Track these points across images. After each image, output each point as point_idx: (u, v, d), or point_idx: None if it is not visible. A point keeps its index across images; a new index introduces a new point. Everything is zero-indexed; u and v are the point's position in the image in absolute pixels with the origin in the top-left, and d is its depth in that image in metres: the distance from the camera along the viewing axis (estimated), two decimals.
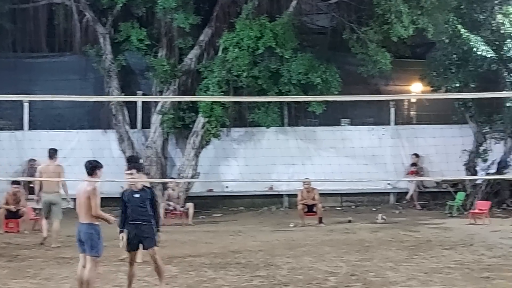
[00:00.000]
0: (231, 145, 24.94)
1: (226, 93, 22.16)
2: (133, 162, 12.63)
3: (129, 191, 11.19)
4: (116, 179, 15.91)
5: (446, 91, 22.22)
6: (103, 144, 23.83)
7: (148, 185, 11.88)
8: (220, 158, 24.71)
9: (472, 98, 22.48)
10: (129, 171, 11.38)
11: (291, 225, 20.28)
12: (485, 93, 18.29)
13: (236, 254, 15.15)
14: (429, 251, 15.32)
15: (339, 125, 25.80)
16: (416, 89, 25.22)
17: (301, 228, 19.83)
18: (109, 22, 23.60)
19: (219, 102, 22.30)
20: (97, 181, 10.59)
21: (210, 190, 24.83)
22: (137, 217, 10.95)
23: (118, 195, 11.91)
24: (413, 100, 26.46)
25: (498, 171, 23.08)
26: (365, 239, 17.28)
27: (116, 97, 23.66)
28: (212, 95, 21.82)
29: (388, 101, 25.29)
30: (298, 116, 25.43)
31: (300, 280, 12.28)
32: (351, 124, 25.87)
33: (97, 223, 10.42)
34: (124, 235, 11.04)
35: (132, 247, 11.06)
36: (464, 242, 16.66)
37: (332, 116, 25.16)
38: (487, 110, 23.07)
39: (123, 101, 23.81)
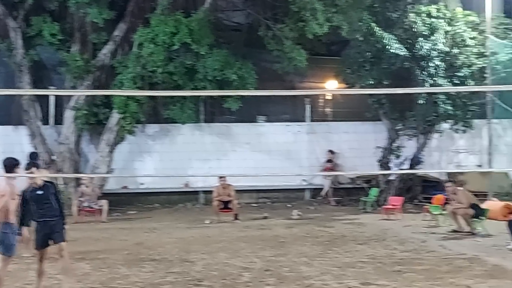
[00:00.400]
0: (146, 141, 24.77)
1: (141, 89, 21.97)
2: (31, 160, 12.37)
3: (31, 189, 10.90)
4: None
5: (361, 88, 22.50)
6: (14, 140, 23.33)
7: (48, 179, 11.56)
8: (135, 154, 24.52)
9: (385, 96, 22.83)
10: (28, 171, 11.10)
11: (206, 222, 20.18)
12: (398, 89, 18.63)
13: (150, 251, 15.00)
14: (343, 246, 15.46)
15: (255, 121, 25.86)
16: (331, 86, 25.47)
17: (217, 224, 19.76)
18: (20, 16, 23.02)
19: (134, 98, 22.10)
20: (14, 175, 10.29)
21: (125, 187, 24.56)
22: (44, 214, 10.71)
23: None
24: (328, 97, 26.71)
25: (411, 167, 23.51)
26: (280, 235, 17.32)
27: (27, 91, 23.13)
28: None
29: (303, 98, 25.50)
30: (214, 112, 25.39)
31: (214, 276, 12.22)
32: (267, 121, 25.96)
33: (12, 221, 10.15)
34: (27, 232, 10.78)
35: (41, 244, 10.81)
36: (377, 237, 16.89)
37: (248, 113, 25.18)
38: (399, 108, 23.43)
39: (35, 96, 23.30)
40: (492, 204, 19.58)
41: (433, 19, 22.46)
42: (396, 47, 21.86)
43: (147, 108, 23.30)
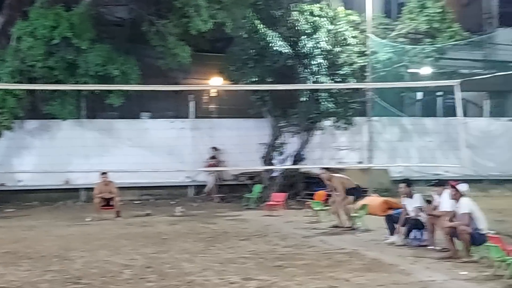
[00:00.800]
0: (25, 137, 24.12)
1: (19, 84, 21.32)
2: None
3: None
4: None
5: (244, 85, 22.60)
6: None
7: None
8: (13, 151, 23.84)
9: (269, 93, 22.99)
10: None
11: (87, 219, 19.80)
12: (281, 85, 18.81)
13: (28, 249, 14.57)
14: (225, 242, 15.46)
15: (139, 118, 25.62)
16: (216, 83, 25.52)
17: (98, 222, 19.42)
18: None
19: (12, 92, 21.48)
20: None
21: (2, 185, 23.87)
22: None
23: None
24: (212, 94, 26.73)
25: (294, 164, 23.78)
26: (163, 232, 17.19)
27: None
28: None
29: (187, 94, 25.40)
30: (96, 108, 24.96)
31: (94, 274, 11.97)
32: (151, 117, 25.77)
33: None
34: None
35: None
36: (259, 232, 16.98)
37: (131, 109, 24.93)
38: (282, 105, 23.65)
39: None
40: (372, 200, 20.08)
41: (315, 18, 22.82)
42: (279, 45, 22.09)
43: (26, 103, 22.64)
